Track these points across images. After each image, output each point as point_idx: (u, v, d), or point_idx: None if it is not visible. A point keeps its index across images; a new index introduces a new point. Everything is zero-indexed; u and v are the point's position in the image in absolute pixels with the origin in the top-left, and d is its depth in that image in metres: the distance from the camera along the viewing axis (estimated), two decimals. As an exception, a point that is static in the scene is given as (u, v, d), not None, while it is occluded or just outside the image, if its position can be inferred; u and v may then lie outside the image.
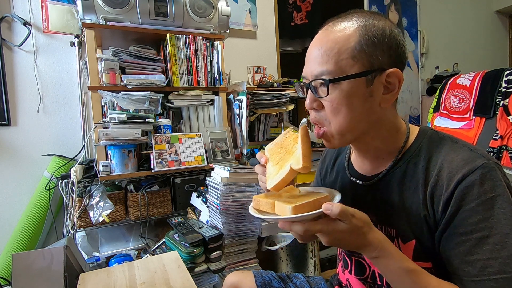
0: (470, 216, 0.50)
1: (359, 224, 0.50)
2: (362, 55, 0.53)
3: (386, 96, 0.56)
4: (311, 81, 0.57)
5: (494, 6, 3.56)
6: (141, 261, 0.93)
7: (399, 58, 0.56)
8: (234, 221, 1.30)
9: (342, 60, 0.53)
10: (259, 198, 0.59)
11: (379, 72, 0.54)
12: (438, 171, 0.54)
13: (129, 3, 1.46)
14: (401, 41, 0.56)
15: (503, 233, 0.48)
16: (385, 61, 0.54)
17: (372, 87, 0.54)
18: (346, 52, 0.53)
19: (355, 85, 0.54)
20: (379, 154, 0.63)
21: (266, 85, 1.98)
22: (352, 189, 0.68)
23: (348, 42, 0.54)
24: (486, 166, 0.51)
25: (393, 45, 0.55)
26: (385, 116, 0.58)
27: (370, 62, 0.54)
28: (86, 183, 1.42)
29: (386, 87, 0.56)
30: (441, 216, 0.53)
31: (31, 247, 1.57)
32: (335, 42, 0.54)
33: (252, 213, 0.58)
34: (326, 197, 0.55)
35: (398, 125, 0.62)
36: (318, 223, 0.50)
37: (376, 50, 0.54)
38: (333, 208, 0.48)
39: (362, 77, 0.54)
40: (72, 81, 1.78)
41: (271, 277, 0.87)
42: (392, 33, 0.55)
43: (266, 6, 2.36)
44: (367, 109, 0.56)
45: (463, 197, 0.50)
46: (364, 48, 0.53)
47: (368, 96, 0.55)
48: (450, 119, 1.90)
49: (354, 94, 0.54)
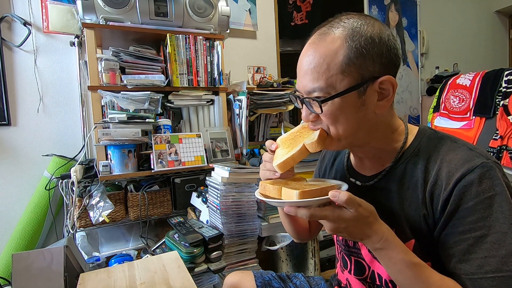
0: (468, 215, 0.50)
1: (365, 214, 0.50)
2: (351, 69, 0.53)
3: (381, 103, 0.56)
4: (304, 98, 0.58)
5: (494, 6, 3.56)
6: (141, 261, 0.93)
7: (391, 62, 0.56)
8: (234, 221, 1.30)
9: (332, 76, 0.53)
10: (265, 184, 0.58)
11: (371, 81, 0.54)
12: (437, 171, 0.54)
13: (129, 3, 1.46)
14: (392, 44, 0.55)
15: (501, 232, 0.48)
16: (376, 69, 0.54)
17: (364, 97, 0.55)
18: (335, 68, 0.53)
19: (347, 99, 0.54)
20: (377, 154, 0.63)
21: (266, 85, 1.98)
22: (351, 190, 0.68)
23: (336, 56, 0.53)
24: (485, 165, 0.51)
25: (383, 51, 0.54)
26: (380, 120, 0.59)
27: (361, 74, 0.53)
28: (86, 183, 1.42)
29: (381, 93, 0.56)
30: (440, 215, 0.53)
31: (31, 247, 1.57)
32: (323, 58, 0.54)
33: (258, 196, 0.58)
34: (333, 186, 0.56)
35: (395, 125, 0.62)
36: (324, 210, 0.50)
37: (366, 61, 0.53)
38: (340, 195, 0.48)
39: (353, 91, 0.54)
40: (72, 81, 1.78)
41: (271, 277, 0.87)
42: (382, 40, 0.54)
43: (266, 6, 2.36)
44: (361, 118, 0.56)
45: (462, 196, 0.50)
46: (353, 61, 0.53)
47: (360, 106, 0.55)
48: (450, 119, 1.90)
49: (346, 107, 0.55)
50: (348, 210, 0.49)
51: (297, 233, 0.81)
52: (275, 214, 1.39)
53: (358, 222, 0.50)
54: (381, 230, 0.51)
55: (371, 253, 0.64)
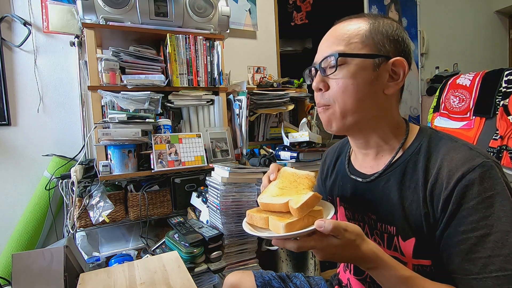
0: (470, 215, 0.50)
1: (352, 238, 0.51)
2: (370, 42, 0.58)
3: (391, 84, 0.59)
4: (321, 61, 0.60)
5: (494, 6, 3.56)
6: (141, 261, 0.93)
7: (404, 51, 0.60)
8: (234, 221, 1.30)
9: (352, 43, 0.58)
10: (252, 213, 0.58)
11: (385, 60, 0.58)
12: (437, 170, 0.54)
13: (129, 3, 1.46)
14: (407, 39, 0.61)
15: (504, 231, 0.48)
16: (391, 50, 0.58)
17: (378, 72, 0.58)
18: (356, 37, 0.58)
19: (362, 66, 0.57)
20: (379, 150, 0.64)
21: (266, 85, 1.98)
22: (352, 188, 0.68)
23: (358, 30, 0.59)
24: (486, 164, 0.51)
25: (399, 39, 0.59)
26: (387, 107, 0.61)
27: (378, 49, 0.58)
28: (86, 183, 1.42)
29: (391, 76, 0.59)
30: (440, 215, 0.53)
31: (31, 247, 1.57)
32: (346, 30, 0.59)
33: (247, 230, 0.57)
34: (320, 211, 0.55)
35: (399, 121, 0.63)
36: (311, 240, 0.51)
37: (384, 38, 0.58)
38: (326, 224, 0.49)
39: (369, 59, 0.57)
40: (72, 81, 1.78)
41: (271, 277, 0.87)
42: (399, 29, 0.60)
43: (266, 6, 2.36)
44: (371, 92, 0.58)
45: (463, 196, 0.50)
46: (373, 36, 0.58)
47: (373, 79, 0.58)
48: (450, 119, 1.90)
49: (360, 75, 0.57)
50: (335, 238, 0.50)
51: None
52: (275, 214, 1.38)
53: (347, 247, 0.51)
54: (370, 250, 0.52)
55: None
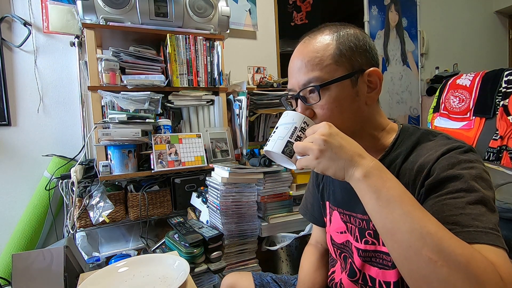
0: (449, 180, 0.49)
1: None
2: (343, 59, 0.57)
3: (371, 95, 0.60)
4: (300, 91, 0.59)
5: (494, 6, 3.56)
6: (141, 261, 0.92)
7: (373, 59, 0.61)
8: (234, 221, 1.30)
9: (326, 66, 0.57)
10: None
11: (360, 73, 0.58)
12: (421, 160, 0.55)
13: (129, 3, 1.46)
14: (372, 45, 0.61)
15: (483, 196, 0.47)
16: (363, 62, 0.59)
17: (357, 87, 0.58)
18: (328, 59, 0.57)
19: (342, 87, 0.57)
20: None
21: (266, 85, 1.98)
22: (343, 184, 0.68)
23: (328, 49, 0.57)
24: (464, 146, 0.53)
25: (367, 47, 0.60)
26: (371, 115, 0.62)
27: (352, 65, 0.58)
28: (86, 183, 1.42)
29: (369, 86, 0.59)
30: (427, 195, 0.52)
31: (31, 247, 1.57)
32: (315, 52, 0.58)
33: None
34: None
35: (383, 123, 0.64)
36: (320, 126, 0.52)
37: (354, 53, 0.58)
38: None
39: (348, 79, 0.57)
40: (72, 81, 1.78)
41: (270, 279, 0.87)
42: (364, 38, 0.60)
43: (266, 6, 2.36)
44: (355, 109, 0.59)
45: (441, 167, 0.51)
46: (343, 53, 0.57)
47: (354, 95, 0.58)
48: (450, 119, 1.90)
49: (342, 96, 0.57)
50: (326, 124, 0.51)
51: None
52: (275, 214, 1.39)
53: (343, 139, 0.50)
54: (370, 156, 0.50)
55: (361, 257, 0.64)
